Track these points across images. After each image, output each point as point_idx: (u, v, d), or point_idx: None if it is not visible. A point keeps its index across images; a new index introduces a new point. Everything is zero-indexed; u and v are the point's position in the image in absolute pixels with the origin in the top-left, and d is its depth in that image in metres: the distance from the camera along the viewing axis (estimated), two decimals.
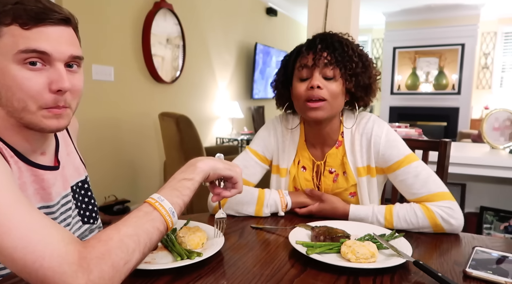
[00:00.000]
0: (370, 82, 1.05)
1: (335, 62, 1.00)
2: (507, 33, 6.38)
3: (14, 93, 0.65)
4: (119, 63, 3.15)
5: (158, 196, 0.67)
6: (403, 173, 1.00)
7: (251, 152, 1.18)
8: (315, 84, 0.99)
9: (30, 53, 0.64)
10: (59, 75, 0.67)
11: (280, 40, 6.13)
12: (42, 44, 0.65)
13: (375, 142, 1.04)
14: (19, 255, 0.54)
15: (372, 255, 0.74)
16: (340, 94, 1.03)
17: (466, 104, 6.12)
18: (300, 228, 0.92)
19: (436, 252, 0.86)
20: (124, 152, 3.31)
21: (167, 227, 0.65)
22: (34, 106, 0.67)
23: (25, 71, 0.65)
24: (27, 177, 0.74)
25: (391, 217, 0.97)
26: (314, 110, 1.01)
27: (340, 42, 1.03)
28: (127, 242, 0.59)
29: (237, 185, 0.80)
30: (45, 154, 0.80)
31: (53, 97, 0.67)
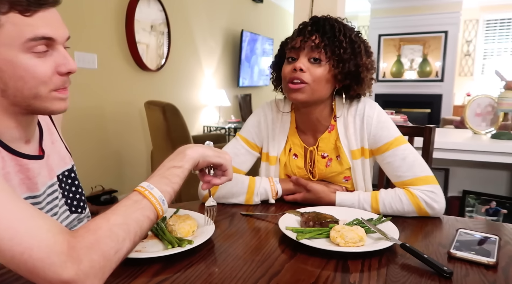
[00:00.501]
0: (359, 71, 1.01)
1: (322, 46, 0.99)
2: (488, 20, 6.47)
3: (26, 82, 0.65)
4: (102, 50, 3.08)
5: (147, 184, 0.66)
6: (391, 155, 1.01)
7: (241, 139, 1.17)
8: (297, 67, 0.99)
9: (38, 41, 0.64)
10: (64, 57, 0.68)
11: (266, 28, 6.08)
12: (46, 30, 0.65)
13: (367, 122, 1.05)
14: (6, 246, 0.53)
15: (360, 239, 0.76)
16: (324, 80, 1.01)
17: (449, 91, 6.22)
18: (290, 214, 0.93)
19: (422, 235, 0.89)
20: (110, 142, 3.27)
21: (158, 215, 0.65)
22: (45, 91, 0.67)
23: (34, 59, 0.65)
24: (11, 167, 0.72)
25: (377, 204, 0.99)
26: (294, 92, 1.00)
27: (332, 26, 1.01)
28: (116, 231, 0.58)
29: (227, 172, 0.80)
30: (30, 142, 0.79)
31: (61, 79, 0.69)
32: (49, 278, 0.53)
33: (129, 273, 0.68)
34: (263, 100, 1.20)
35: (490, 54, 6.51)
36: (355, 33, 1.04)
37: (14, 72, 0.64)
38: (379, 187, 1.35)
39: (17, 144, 0.75)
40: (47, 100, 0.68)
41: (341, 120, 1.09)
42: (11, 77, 0.65)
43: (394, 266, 0.71)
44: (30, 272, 0.54)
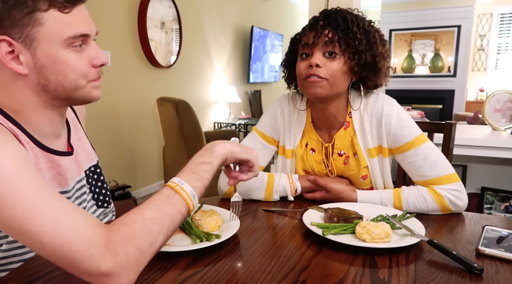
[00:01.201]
0: (376, 61, 1.00)
1: (336, 40, 0.97)
2: (503, 14, 6.36)
3: (67, 76, 0.69)
4: (115, 47, 3.11)
5: (178, 179, 0.67)
6: (413, 155, 1.00)
7: (258, 134, 1.16)
8: (313, 63, 0.97)
9: (77, 38, 0.68)
10: (97, 51, 0.72)
11: (276, 23, 6.06)
12: (83, 27, 0.69)
13: (386, 122, 1.02)
14: (47, 239, 0.55)
15: (386, 235, 0.76)
16: (341, 74, 0.99)
17: (461, 87, 6.14)
18: (313, 210, 0.93)
19: (446, 231, 0.88)
20: (123, 138, 3.30)
21: (189, 210, 0.66)
22: (84, 82, 0.71)
23: (73, 53, 0.69)
24: (43, 163, 0.75)
25: (400, 203, 0.98)
26: (313, 86, 0.99)
27: (344, 18, 0.99)
28: (150, 225, 0.60)
29: (253, 168, 0.81)
30: (60, 138, 0.81)
31: (96, 71, 0.73)
32: (88, 270, 0.55)
33: (161, 266, 0.69)
34: (273, 96, 1.21)
35: (505, 48, 6.41)
36: (368, 23, 1.02)
37: (55, 67, 0.68)
38: (397, 183, 1.34)
39: (49, 139, 0.77)
40: (86, 91, 0.73)
41: (356, 117, 1.07)
42: (53, 72, 0.69)
43: (422, 262, 0.71)
44: (69, 264, 0.55)
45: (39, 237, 0.55)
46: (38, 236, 0.55)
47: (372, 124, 1.05)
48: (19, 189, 0.56)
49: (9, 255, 0.72)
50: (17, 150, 0.62)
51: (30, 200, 0.56)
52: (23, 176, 0.58)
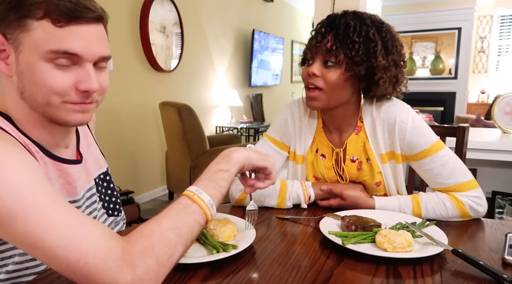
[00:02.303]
0: (373, 72, 0.96)
1: (334, 49, 0.94)
2: (503, 16, 6.37)
3: (39, 89, 0.64)
4: (117, 52, 3.09)
5: (195, 188, 0.65)
6: (430, 162, 0.97)
7: (269, 140, 1.15)
8: (310, 72, 0.97)
9: (60, 54, 0.63)
10: (87, 76, 0.65)
11: (277, 27, 6.06)
12: (73, 45, 0.63)
13: (400, 128, 0.99)
14: (63, 253, 0.53)
15: (408, 244, 0.74)
16: (339, 83, 0.96)
17: (462, 89, 6.13)
18: (329, 218, 0.91)
19: (468, 239, 0.86)
20: (125, 142, 3.28)
21: (207, 219, 0.64)
22: (57, 100, 0.65)
23: (53, 69, 0.63)
24: (52, 172, 0.73)
25: (419, 209, 0.96)
26: (310, 100, 0.99)
27: (347, 25, 0.95)
28: (169, 236, 0.58)
29: (270, 176, 0.78)
30: (68, 147, 0.79)
31: (80, 95, 0.66)
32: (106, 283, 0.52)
33: (178, 278, 0.67)
34: (274, 100, 1.19)
35: (505, 50, 6.41)
36: (375, 30, 0.96)
37: (31, 77, 0.64)
38: (408, 188, 1.32)
39: (57, 149, 0.75)
40: (61, 111, 0.66)
41: (368, 121, 1.04)
42: (29, 81, 0.64)
43: (447, 272, 0.69)
44: (86, 279, 0.53)
45: (54, 252, 0.53)
46: (53, 250, 0.53)
47: (384, 129, 1.03)
48: (32, 203, 0.54)
49: (21, 268, 0.70)
50: (29, 161, 0.60)
51: (44, 214, 0.54)
52: (36, 189, 0.56)
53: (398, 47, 1.00)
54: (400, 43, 1.02)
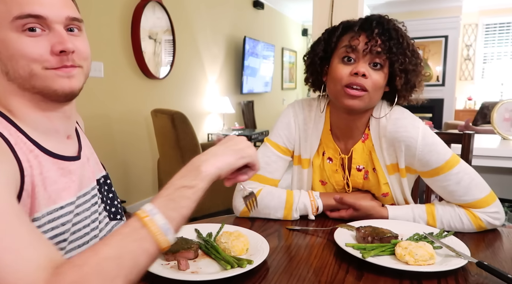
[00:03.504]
0: (418, 81, 0.97)
1: (387, 52, 0.91)
2: (487, 24, 6.52)
3: (17, 61, 0.63)
4: (108, 58, 3.03)
5: (150, 208, 0.54)
6: (443, 180, 0.93)
7: (271, 145, 1.08)
8: (361, 71, 0.90)
9: (25, 19, 0.61)
10: (59, 37, 0.64)
11: (268, 34, 6.07)
12: (35, 8, 0.62)
13: (409, 145, 0.94)
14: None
15: (430, 257, 0.72)
16: (382, 87, 0.95)
17: (450, 96, 6.23)
18: (342, 228, 0.88)
19: (486, 249, 0.84)
20: (116, 150, 3.21)
21: (159, 248, 0.53)
22: (38, 68, 0.63)
23: (25, 37, 0.62)
24: (53, 171, 0.67)
25: (434, 221, 0.93)
26: (352, 98, 0.92)
27: (396, 31, 0.93)
28: (106, 267, 0.48)
29: (254, 167, 0.68)
30: (71, 138, 0.76)
31: (57, 58, 0.64)
32: None
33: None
34: (266, 107, 1.14)
35: (490, 58, 6.55)
36: (412, 41, 0.96)
37: (7, 52, 0.62)
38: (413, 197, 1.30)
39: (58, 138, 0.71)
40: (46, 79, 0.64)
41: (376, 131, 1.00)
42: (7, 58, 0.63)
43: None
44: None
45: None
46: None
47: (388, 141, 0.98)
48: None
49: None
50: None
51: None
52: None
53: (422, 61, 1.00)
54: None
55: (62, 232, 0.67)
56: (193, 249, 0.76)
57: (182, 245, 0.75)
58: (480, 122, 5.27)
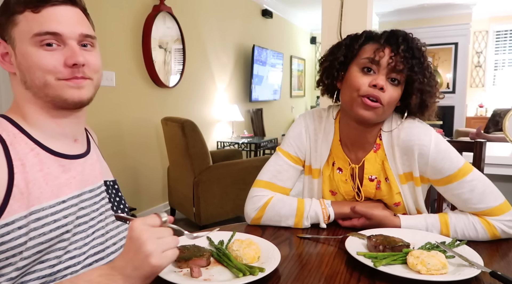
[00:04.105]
0: (432, 102, 0.98)
1: (409, 70, 0.91)
2: (498, 31, 6.48)
3: (34, 72, 0.70)
4: (120, 68, 3.09)
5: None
6: (457, 187, 0.93)
7: (283, 154, 1.10)
8: (380, 84, 0.90)
9: (44, 36, 0.69)
10: (72, 51, 0.71)
11: (276, 42, 6.11)
12: (53, 25, 0.70)
13: (422, 153, 0.95)
14: None
15: (443, 266, 0.71)
16: (395, 103, 0.96)
17: (461, 103, 6.18)
18: (353, 237, 0.88)
19: (500, 259, 0.83)
20: (127, 158, 3.24)
21: None
22: (52, 79, 0.70)
23: (42, 51, 0.70)
24: (54, 168, 0.73)
25: (447, 230, 0.92)
26: (367, 109, 0.92)
27: (419, 50, 0.93)
28: None
29: None
30: (79, 142, 0.81)
31: (69, 70, 0.71)
32: None
33: None
34: (275, 114, 1.15)
35: (502, 65, 6.49)
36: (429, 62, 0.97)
37: (27, 64, 0.70)
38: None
39: (64, 140, 0.77)
40: (58, 89, 0.71)
41: (388, 140, 1.01)
42: (26, 69, 0.71)
43: None
44: None
45: None
46: None
47: (401, 150, 0.99)
48: None
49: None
50: None
51: None
52: None
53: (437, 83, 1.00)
54: None
55: (65, 224, 0.72)
56: (206, 257, 0.76)
57: (195, 253, 0.76)
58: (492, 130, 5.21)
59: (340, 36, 2.03)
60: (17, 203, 0.66)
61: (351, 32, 1.03)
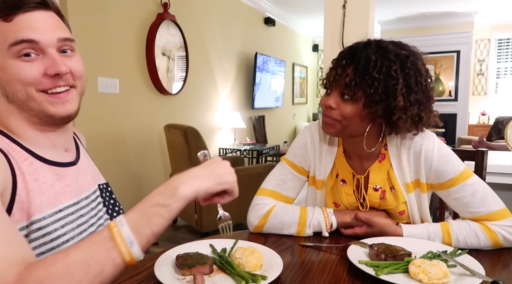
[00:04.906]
0: (391, 112, 0.91)
1: (353, 85, 0.90)
2: (500, 39, 6.50)
3: (14, 86, 0.67)
4: (123, 75, 3.11)
5: (120, 218, 0.56)
6: (459, 191, 0.94)
7: (288, 164, 1.11)
8: (327, 104, 0.96)
9: (20, 45, 0.65)
10: (52, 60, 0.67)
11: (279, 50, 6.15)
12: (28, 33, 0.66)
13: (426, 157, 0.97)
14: None
15: (445, 275, 0.72)
16: (356, 117, 0.94)
17: (463, 111, 6.18)
18: (355, 245, 0.88)
19: (502, 269, 0.84)
20: (130, 165, 3.26)
21: (124, 260, 0.54)
22: (33, 90, 0.67)
23: (20, 63, 0.66)
24: (49, 176, 0.72)
25: (449, 239, 0.93)
26: (325, 125, 0.99)
27: (368, 59, 0.89)
28: (73, 270, 0.51)
29: (232, 194, 0.69)
30: (70, 151, 0.80)
31: (50, 80, 0.68)
32: None
33: None
34: (277, 121, 1.16)
35: (504, 73, 6.50)
36: (397, 66, 0.89)
37: (6, 77, 0.67)
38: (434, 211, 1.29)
39: (54, 151, 0.75)
40: (42, 103, 0.68)
41: (393, 149, 1.02)
42: (6, 82, 0.67)
43: None
44: None
45: None
46: None
47: (409, 158, 1.00)
48: None
49: None
50: None
51: None
52: None
53: (423, 84, 0.92)
54: (427, 76, 0.94)
55: (64, 233, 0.71)
56: (209, 264, 0.77)
57: (198, 260, 0.77)
58: (494, 138, 5.21)
59: (342, 44, 2.04)
60: (19, 213, 0.65)
61: (354, 40, 1.02)
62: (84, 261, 0.52)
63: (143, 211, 0.58)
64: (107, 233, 0.54)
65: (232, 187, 0.67)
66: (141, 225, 0.56)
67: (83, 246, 0.53)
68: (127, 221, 0.56)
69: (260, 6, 5.43)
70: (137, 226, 0.56)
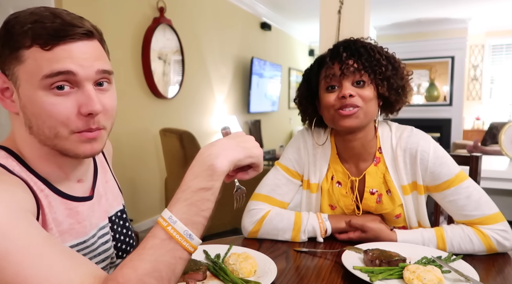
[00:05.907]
0: (403, 84, 1.01)
1: (363, 69, 0.96)
2: (494, 45, 6.56)
3: (44, 121, 0.61)
4: (119, 79, 3.10)
5: (169, 215, 0.55)
6: (454, 193, 0.95)
7: (281, 168, 1.11)
8: (346, 94, 0.95)
9: (55, 77, 0.59)
10: (88, 97, 0.61)
11: (275, 54, 6.17)
12: (65, 64, 0.59)
13: (422, 158, 0.98)
14: None
15: (439, 281, 0.71)
16: (373, 99, 0.99)
17: (458, 116, 6.22)
18: (350, 251, 0.88)
19: (497, 274, 0.84)
20: (125, 169, 3.24)
21: (189, 252, 0.56)
22: (65, 131, 0.62)
23: (52, 97, 0.60)
24: (61, 211, 0.67)
25: (444, 244, 0.93)
26: (348, 118, 0.97)
27: (364, 47, 0.99)
28: (147, 281, 0.52)
29: (257, 168, 0.66)
30: (83, 181, 0.74)
31: (84, 120, 0.62)
32: None
33: None
34: (273, 126, 1.16)
35: (498, 78, 6.57)
36: (385, 49, 1.03)
37: (34, 110, 0.61)
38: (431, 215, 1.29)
39: (68, 183, 0.70)
40: (69, 143, 0.63)
41: (388, 152, 1.03)
42: (33, 114, 0.61)
43: None
44: None
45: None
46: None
47: (405, 160, 1.01)
48: (6, 251, 0.50)
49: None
50: (8, 202, 0.55)
51: (19, 263, 0.50)
52: (10, 235, 0.51)
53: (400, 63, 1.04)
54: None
55: None
56: (202, 270, 0.76)
57: (191, 266, 0.76)
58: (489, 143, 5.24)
59: None
60: None
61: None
62: (154, 270, 0.52)
63: (189, 200, 0.56)
64: (163, 234, 0.54)
65: (259, 161, 0.65)
66: (192, 216, 0.56)
67: (146, 256, 0.53)
68: (177, 216, 0.55)
69: (256, 11, 5.45)
70: (189, 218, 0.55)
